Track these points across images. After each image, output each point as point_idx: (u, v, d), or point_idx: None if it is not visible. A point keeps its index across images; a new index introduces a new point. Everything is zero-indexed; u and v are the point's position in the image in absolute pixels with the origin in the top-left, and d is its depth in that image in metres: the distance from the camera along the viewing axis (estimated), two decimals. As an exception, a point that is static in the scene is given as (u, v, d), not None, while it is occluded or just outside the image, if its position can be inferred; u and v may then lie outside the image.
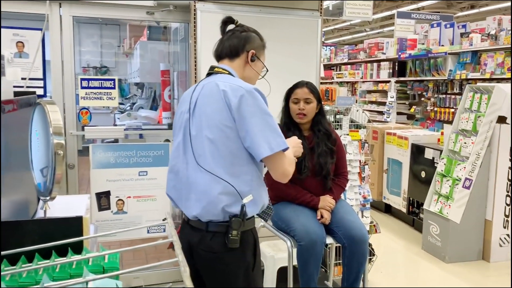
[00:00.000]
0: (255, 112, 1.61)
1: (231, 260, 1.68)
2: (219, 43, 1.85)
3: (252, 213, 1.69)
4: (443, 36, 6.44)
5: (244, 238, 1.66)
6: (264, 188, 1.75)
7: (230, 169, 1.63)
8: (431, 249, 4.20)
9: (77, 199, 1.22)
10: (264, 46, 1.90)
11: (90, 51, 9.86)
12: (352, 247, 2.39)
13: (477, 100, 4.07)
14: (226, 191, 1.62)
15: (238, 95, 1.62)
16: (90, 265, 0.95)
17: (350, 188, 3.34)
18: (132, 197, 3.26)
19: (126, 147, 3.25)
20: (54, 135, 1.12)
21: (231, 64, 1.81)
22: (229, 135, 1.63)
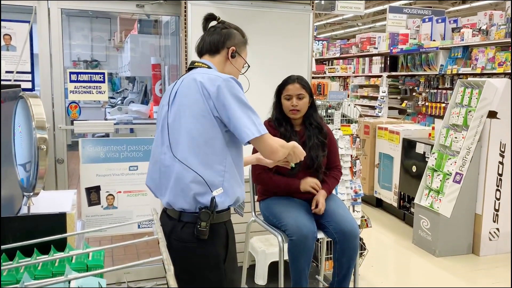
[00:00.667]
0: (234, 98, 1.66)
1: (200, 251, 1.71)
2: (200, 40, 1.89)
3: (223, 205, 1.71)
4: (435, 31, 6.44)
5: (215, 230, 1.70)
6: (238, 182, 1.77)
7: (203, 158, 1.67)
8: (422, 243, 4.22)
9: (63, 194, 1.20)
10: (246, 43, 1.92)
11: (81, 45, 9.76)
12: (343, 242, 2.39)
13: (468, 95, 4.08)
14: (197, 180, 1.66)
15: (216, 84, 1.66)
16: (73, 263, 0.92)
17: (342, 182, 3.34)
18: (123, 192, 3.24)
19: (116, 141, 3.22)
20: (37, 129, 1.10)
21: (212, 60, 1.84)
22: (205, 124, 1.67)
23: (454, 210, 3.98)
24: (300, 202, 2.49)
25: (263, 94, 2.77)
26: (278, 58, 3.31)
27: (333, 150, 2.67)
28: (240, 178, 1.78)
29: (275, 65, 3.29)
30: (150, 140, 3.29)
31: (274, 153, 1.74)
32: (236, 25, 1.93)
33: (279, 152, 1.76)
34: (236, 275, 1.84)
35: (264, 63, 3.25)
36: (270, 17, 3.22)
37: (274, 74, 3.24)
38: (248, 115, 1.67)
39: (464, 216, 4.06)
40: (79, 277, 0.75)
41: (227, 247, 1.76)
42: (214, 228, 1.69)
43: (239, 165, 1.78)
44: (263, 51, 3.23)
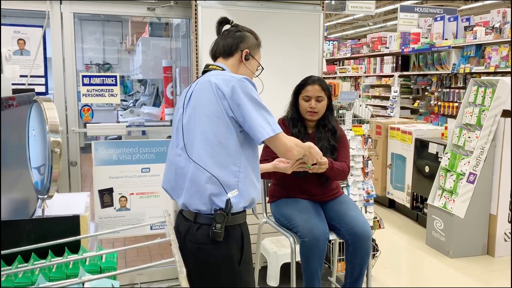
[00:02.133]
0: (248, 98, 1.67)
1: (215, 253, 1.71)
2: (214, 43, 1.91)
3: (238, 207, 1.72)
4: (447, 29, 6.38)
5: (230, 232, 1.70)
6: (253, 183, 1.77)
7: (218, 159, 1.68)
8: (435, 244, 4.18)
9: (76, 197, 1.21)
10: (259, 45, 1.94)
11: (93, 48, 9.85)
12: (355, 244, 2.38)
13: (481, 94, 4.03)
14: (212, 180, 1.68)
15: (230, 85, 1.68)
16: (87, 265, 0.93)
17: (354, 183, 3.33)
18: (135, 193, 3.26)
19: (128, 143, 3.24)
20: (50, 132, 1.11)
21: (226, 63, 1.86)
22: (219, 125, 1.68)
23: (468, 210, 3.93)
24: (312, 204, 2.48)
25: (273, 94, 2.76)
26: (288, 58, 3.31)
27: (343, 146, 2.61)
28: (255, 179, 1.79)
29: (285, 66, 3.29)
30: (162, 142, 3.32)
31: (289, 151, 1.76)
32: (250, 28, 1.95)
33: (294, 151, 1.77)
34: (251, 278, 1.83)
35: (274, 64, 3.25)
36: (280, 18, 3.22)
37: (284, 74, 3.25)
38: (263, 115, 1.69)
39: (478, 217, 4.01)
40: (92, 279, 0.76)
41: (242, 249, 1.76)
42: (229, 230, 1.69)
43: (254, 166, 1.79)
44: (273, 52, 3.23)
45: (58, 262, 0.91)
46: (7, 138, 1.26)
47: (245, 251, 1.76)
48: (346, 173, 2.54)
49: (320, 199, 2.53)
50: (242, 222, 1.78)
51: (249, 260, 1.80)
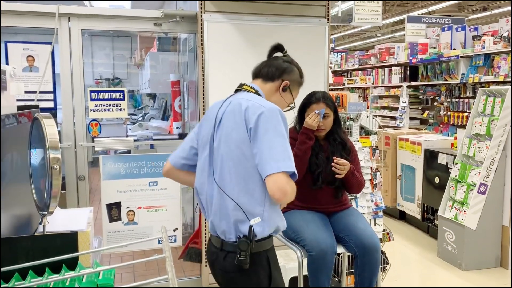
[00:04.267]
0: (269, 130, 1.61)
1: (243, 281, 1.69)
2: (261, 63, 1.91)
3: (263, 234, 1.67)
4: (455, 39, 6.36)
5: (256, 259, 1.66)
6: (278, 211, 1.74)
7: (244, 186, 1.65)
8: (447, 256, 4.11)
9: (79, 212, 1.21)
10: (301, 84, 1.94)
11: (103, 63, 9.98)
12: (364, 257, 2.35)
13: (490, 104, 4.00)
14: (237, 208, 1.65)
15: (258, 112, 1.64)
16: (84, 282, 0.93)
17: (362, 195, 3.30)
18: (143, 207, 3.27)
19: (135, 157, 3.26)
20: (50, 149, 1.12)
21: (262, 86, 1.85)
22: (245, 152, 1.64)
23: (479, 222, 3.87)
24: (319, 216, 2.46)
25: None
26: (294, 71, 3.31)
27: (356, 162, 2.64)
28: (278, 206, 1.75)
29: (291, 79, 3.30)
30: (169, 156, 3.32)
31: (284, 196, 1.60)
32: (298, 64, 1.94)
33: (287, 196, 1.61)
34: None
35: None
36: (285, 31, 3.23)
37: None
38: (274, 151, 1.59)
39: (490, 228, 3.94)
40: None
41: (270, 275, 1.71)
42: (255, 257, 1.66)
43: None
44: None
45: (55, 280, 0.91)
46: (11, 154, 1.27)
47: (273, 277, 1.71)
48: (363, 185, 2.58)
49: (329, 210, 2.51)
50: (268, 248, 1.73)
51: (279, 285, 1.76)
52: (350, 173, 2.43)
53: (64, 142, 3.11)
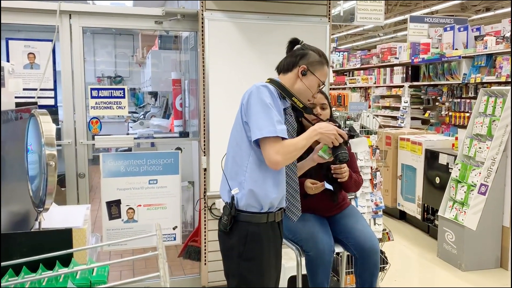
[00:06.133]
0: (256, 102, 1.77)
1: (221, 241, 1.93)
2: (281, 60, 2.02)
3: (242, 205, 1.83)
4: (457, 39, 6.34)
5: (235, 226, 1.85)
6: (263, 187, 1.82)
7: (234, 158, 1.88)
8: (447, 256, 4.11)
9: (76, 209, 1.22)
10: (322, 63, 1.98)
11: (105, 61, 9.98)
12: (363, 258, 2.34)
13: (491, 104, 3.99)
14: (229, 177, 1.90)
15: (249, 91, 1.82)
16: (77, 278, 0.93)
17: (362, 195, 3.30)
18: (143, 205, 3.27)
19: (136, 155, 3.26)
20: (46, 145, 1.12)
21: (283, 78, 1.95)
22: (238, 128, 1.86)
23: (480, 222, 3.86)
24: (317, 217, 2.45)
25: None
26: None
27: (353, 160, 2.61)
28: (269, 183, 1.82)
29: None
30: (169, 154, 3.33)
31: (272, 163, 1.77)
32: (316, 47, 2.01)
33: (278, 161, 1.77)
34: (257, 278, 1.86)
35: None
36: (286, 30, 3.23)
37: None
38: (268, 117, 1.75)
39: (490, 229, 3.94)
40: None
41: (245, 244, 1.84)
42: (235, 224, 1.85)
43: (266, 168, 1.81)
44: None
45: (48, 276, 0.91)
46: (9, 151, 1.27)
47: (248, 247, 1.83)
48: (361, 184, 2.55)
49: (327, 214, 2.50)
50: (252, 223, 1.84)
51: (254, 259, 1.85)
52: (348, 178, 2.37)
53: (64, 139, 3.12)
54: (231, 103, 2.90)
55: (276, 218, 1.90)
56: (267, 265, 1.87)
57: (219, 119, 3.20)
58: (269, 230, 1.87)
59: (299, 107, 1.93)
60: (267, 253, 1.86)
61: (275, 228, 1.92)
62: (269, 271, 1.88)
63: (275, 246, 1.92)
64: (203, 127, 3.22)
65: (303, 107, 1.93)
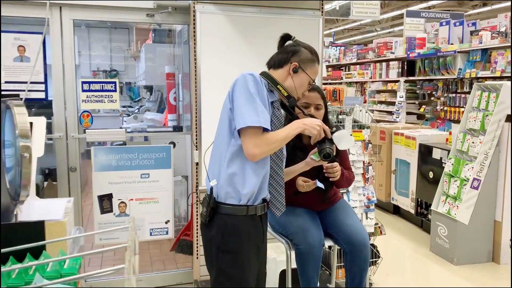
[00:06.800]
0: (242, 91, 1.77)
1: (202, 231, 1.93)
2: (273, 55, 1.99)
3: (226, 195, 1.82)
4: (453, 34, 6.33)
5: (214, 218, 1.85)
6: (243, 172, 1.81)
7: (216, 147, 1.89)
8: (440, 251, 4.12)
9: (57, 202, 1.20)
10: (314, 61, 1.97)
11: (100, 55, 9.92)
12: (353, 253, 2.33)
13: (485, 99, 3.98)
14: (209, 167, 1.91)
15: (235, 80, 1.81)
16: (48, 271, 0.92)
17: (354, 189, 3.29)
18: (135, 199, 3.27)
19: (128, 149, 3.25)
20: (20, 137, 1.11)
21: (274, 73, 1.93)
22: (223, 116, 1.86)
23: (472, 217, 3.87)
24: (307, 210, 2.44)
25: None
26: (288, 64, 3.29)
27: (346, 157, 2.58)
28: (249, 171, 1.80)
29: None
30: (162, 148, 3.32)
31: (249, 155, 1.76)
32: (308, 45, 2.00)
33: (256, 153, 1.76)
34: (236, 272, 1.85)
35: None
36: (279, 23, 3.21)
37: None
38: (252, 107, 1.74)
39: (483, 223, 3.95)
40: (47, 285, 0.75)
41: (223, 236, 1.83)
42: (214, 216, 1.85)
43: (246, 161, 1.80)
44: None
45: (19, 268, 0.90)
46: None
47: (226, 240, 1.83)
48: (352, 180, 2.53)
49: (317, 208, 2.49)
50: (231, 215, 1.83)
51: (232, 252, 1.84)
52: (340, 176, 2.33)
53: (55, 133, 3.10)
54: (223, 97, 2.86)
55: (257, 212, 1.88)
56: (247, 259, 1.85)
57: (211, 113, 3.17)
58: (250, 224, 1.85)
59: (283, 95, 1.91)
60: (247, 246, 1.85)
61: (257, 222, 1.89)
62: (249, 265, 1.86)
63: (256, 240, 1.90)
64: (195, 121, 3.21)
65: (287, 96, 1.91)
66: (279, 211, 1.93)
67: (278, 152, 1.89)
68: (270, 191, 1.92)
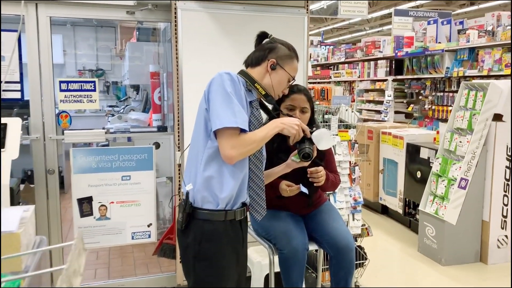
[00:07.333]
0: (218, 90, 1.70)
1: (180, 240, 1.85)
2: (250, 54, 1.94)
3: (202, 199, 1.74)
4: (440, 33, 6.31)
5: (190, 224, 1.76)
6: (220, 175, 1.73)
7: (192, 149, 1.82)
8: (427, 251, 4.08)
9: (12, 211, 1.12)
10: (292, 57, 1.91)
11: (86, 54, 9.79)
12: (338, 257, 2.27)
13: (472, 98, 3.95)
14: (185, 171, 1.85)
15: (211, 79, 1.75)
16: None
17: (340, 190, 3.24)
18: (115, 202, 3.17)
19: (108, 151, 3.16)
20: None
21: (251, 71, 1.87)
22: (199, 117, 1.79)
23: (460, 217, 3.84)
24: (290, 214, 2.36)
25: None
26: (272, 63, 3.22)
27: (330, 158, 2.51)
28: (226, 173, 1.73)
29: (269, 70, 3.21)
30: (143, 149, 3.23)
31: (226, 157, 1.69)
32: (285, 41, 1.95)
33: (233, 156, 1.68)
34: (214, 280, 1.78)
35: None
36: (263, 21, 3.14)
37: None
38: (228, 107, 1.67)
39: (470, 223, 3.92)
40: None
41: (200, 244, 1.76)
42: (190, 222, 1.77)
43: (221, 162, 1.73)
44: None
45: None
46: None
47: (202, 247, 1.75)
48: (338, 184, 2.47)
49: (302, 212, 2.42)
50: (208, 220, 1.75)
51: (207, 259, 1.77)
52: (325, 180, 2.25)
53: (32, 134, 3.00)
54: (206, 96, 2.81)
55: (236, 216, 1.80)
56: (226, 266, 1.78)
57: (194, 113, 3.09)
58: (228, 229, 1.77)
59: (261, 94, 1.85)
60: (225, 253, 1.77)
61: (236, 227, 1.82)
62: (228, 272, 1.79)
63: (235, 246, 1.82)
64: (177, 122, 3.13)
65: (265, 95, 1.85)
66: (260, 215, 1.86)
67: (258, 153, 1.81)
68: (250, 194, 1.84)
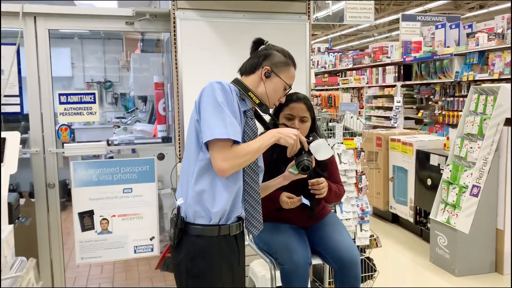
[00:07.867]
0: (209, 101, 1.64)
1: (173, 255, 1.79)
2: (244, 62, 1.88)
3: (194, 214, 1.68)
4: (449, 37, 6.20)
5: (183, 240, 1.70)
6: (212, 188, 1.66)
7: (186, 161, 1.74)
8: (440, 261, 3.95)
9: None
10: (288, 64, 1.83)
11: (94, 67, 9.85)
12: (343, 271, 2.17)
13: (482, 102, 3.84)
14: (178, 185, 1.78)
15: (202, 89, 1.69)
16: None
17: (347, 200, 3.14)
18: (117, 215, 3.12)
19: (109, 163, 3.11)
20: None
21: (246, 80, 1.82)
22: (190, 128, 1.73)
23: (472, 225, 3.71)
24: (291, 227, 2.27)
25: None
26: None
27: (335, 171, 2.42)
28: (219, 186, 1.66)
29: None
30: (144, 161, 3.18)
31: (218, 169, 1.62)
32: (282, 48, 1.88)
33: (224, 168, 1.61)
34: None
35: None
36: (263, 29, 3.08)
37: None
38: (220, 117, 1.61)
39: (484, 232, 3.78)
40: None
41: (192, 261, 1.69)
42: (184, 238, 1.70)
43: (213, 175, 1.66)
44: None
45: None
46: None
47: (197, 264, 1.68)
48: (342, 195, 2.39)
49: (304, 224, 2.33)
50: (201, 236, 1.68)
51: (201, 277, 1.69)
52: (327, 191, 2.16)
53: (32, 148, 2.96)
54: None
55: (231, 231, 1.72)
56: (219, 283, 1.70)
57: (195, 124, 3.05)
58: (222, 245, 1.69)
59: (255, 103, 1.77)
60: (219, 270, 1.69)
61: (231, 242, 1.74)
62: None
63: (230, 262, 1.74)
64: (178, 132, 3.08)
65: (259, 104, 1.78)
66: (256, 230, 1.78)
67: (253, 165, 1.74)
68: (246, 208, 1.77)
